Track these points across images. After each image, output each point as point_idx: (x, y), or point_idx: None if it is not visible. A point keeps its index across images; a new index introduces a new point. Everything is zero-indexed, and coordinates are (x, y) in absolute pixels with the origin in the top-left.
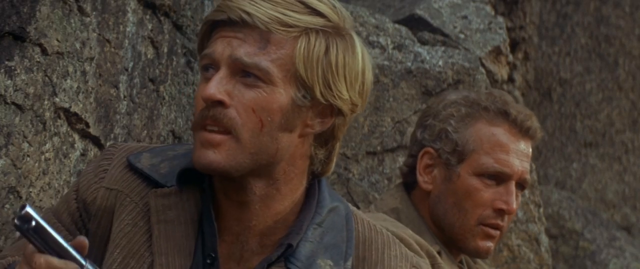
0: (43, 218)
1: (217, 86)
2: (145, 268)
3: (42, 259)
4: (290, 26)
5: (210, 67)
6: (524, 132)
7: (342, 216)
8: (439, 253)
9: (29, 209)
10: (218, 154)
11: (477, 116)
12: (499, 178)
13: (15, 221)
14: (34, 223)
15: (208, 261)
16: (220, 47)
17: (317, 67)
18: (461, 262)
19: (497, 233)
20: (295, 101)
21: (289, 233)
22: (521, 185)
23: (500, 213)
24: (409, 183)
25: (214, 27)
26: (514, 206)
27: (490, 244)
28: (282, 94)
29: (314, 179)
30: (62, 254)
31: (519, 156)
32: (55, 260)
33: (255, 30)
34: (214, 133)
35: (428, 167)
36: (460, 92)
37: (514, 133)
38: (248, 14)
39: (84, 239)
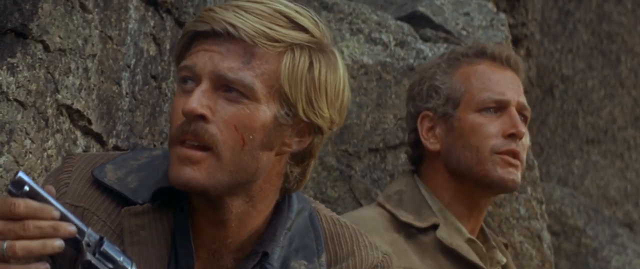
0: (37, 183)
1: (199, 100)
2: None
3: (21, 202)
4: (276, 41)
5: (189, 79)
6: (506, 62)
7: (305, 217)
8: (436, 225)
9: (22, 175)
10: (197, 172)
11: (457, 64)
12: (498, 108)
13: (9, 187)
14: (27, 188)
15: None
16: (202, 61)
17: (301, 83)
18: (484, 233)
19: (517, 161)
20: (278, 118)
21: (263, 241)
22: (524, 115)
23: (512, 137)
24: (417, 159)
25: (194, 38)
26: (522, 129)
27: (514, 174)
28: (266, 111)
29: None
30: (62, 218)
31: (509, 85)
32: (35, 203)
33: (240, 43)
34: (193, 149)
35: (430, 129)
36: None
37: (497, 66)
38: (233, 26)
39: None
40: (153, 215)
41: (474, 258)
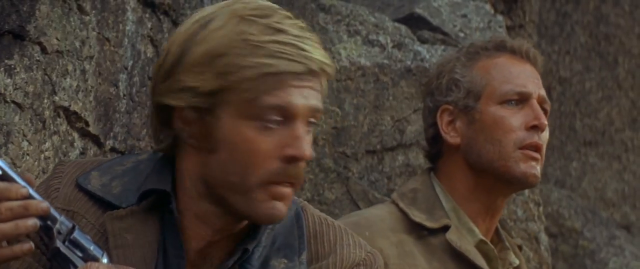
0: (11, 168)
1: (310, 145)
2: None
3: None
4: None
5: (276, 117)
6: (525, 56)
7: (291, 216)
8: (447, 226)
9: None
10: (285, 207)
11: (476, 57)
12: (520, 101)
13: None
14: (0, 172)
15: None
16: (297, 99)
17: None
18: (498, 233)
19: (538, 155)
20: None
21: (243, 239)
22: (544, 109)
23: (535, 130)
24: (435, 155)
25: (279, 76)
26: (544, 121)
27: (535, 168)
28: None
29: None
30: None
31: (529, 77)
32: (0, 183)
33: (317, 76)
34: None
35: (450, 123)
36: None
37: (517, 58)
38: (328, 65)
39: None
40: (138, 218)
41: (480, 262)
